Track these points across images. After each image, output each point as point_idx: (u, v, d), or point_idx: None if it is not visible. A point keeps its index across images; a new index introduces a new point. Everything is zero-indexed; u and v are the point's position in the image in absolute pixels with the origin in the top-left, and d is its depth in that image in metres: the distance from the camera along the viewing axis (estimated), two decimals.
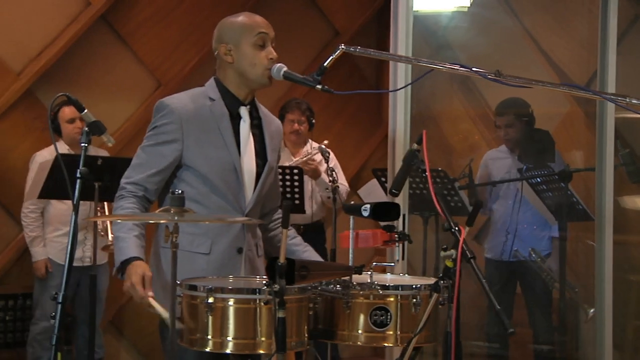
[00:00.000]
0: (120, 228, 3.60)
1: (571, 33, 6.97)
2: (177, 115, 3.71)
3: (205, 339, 3.29)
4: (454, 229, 3.09)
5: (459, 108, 7.30)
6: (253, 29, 3.78)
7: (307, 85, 3.57)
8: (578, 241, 5.94)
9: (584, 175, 5.92)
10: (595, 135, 6.70)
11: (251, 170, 3.77)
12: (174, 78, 7.46)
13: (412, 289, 3.41)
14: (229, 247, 3.73)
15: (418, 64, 3.43)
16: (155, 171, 3.71)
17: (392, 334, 3.41)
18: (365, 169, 8.28)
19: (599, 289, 5.02)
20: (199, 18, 7.54)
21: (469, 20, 6.80)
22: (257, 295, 3.26)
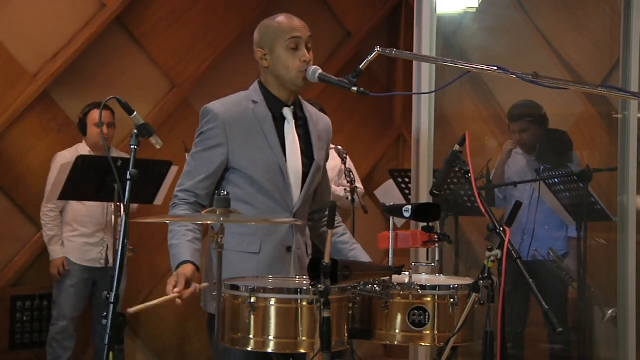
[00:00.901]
0: (174, 236, 3.67)
1: (584, 33, 7.01)
2: (221, 120, 3.76)
3: (247, 338, 3.32)
4: (499, 230, 3.13)
5: (470, 108, 7.33)
6: (286, 32, 3.83)
7: (343, 87, 3.62)
8: (595, 241, 5.97)
9: (598, 175, 5.95)
10: (610, 136, 6.75)
11: (297, 170, 3.82)
12: (188, 79, 7.49)
13: (449, 289, 3.44)
14: (279, 246, 3.79)
15: (455, 66, 3.44)
16: (204, 177, 3.77)
17: (429, 334, 3.44)
18: (378, 169, 8.32)
19: (622, 289, 5.06)
20: (212, 19, 7.57)
21: (480, 21, 6.84)
22: (299, 295, 3.29)
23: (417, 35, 4.94)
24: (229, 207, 3.19)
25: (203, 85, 7.52)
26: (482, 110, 7.34)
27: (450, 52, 7.04)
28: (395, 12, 8.46)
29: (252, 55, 7.67)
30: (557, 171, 5.89)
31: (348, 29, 8.28)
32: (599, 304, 5.96)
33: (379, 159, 8.40)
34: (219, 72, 7.60)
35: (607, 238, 6.02)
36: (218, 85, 7.52)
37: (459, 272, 5.96)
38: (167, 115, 7.40)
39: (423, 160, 4.85)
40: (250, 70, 7.59)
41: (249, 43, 7.65)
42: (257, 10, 7.71)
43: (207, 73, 7.56)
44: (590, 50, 6.99)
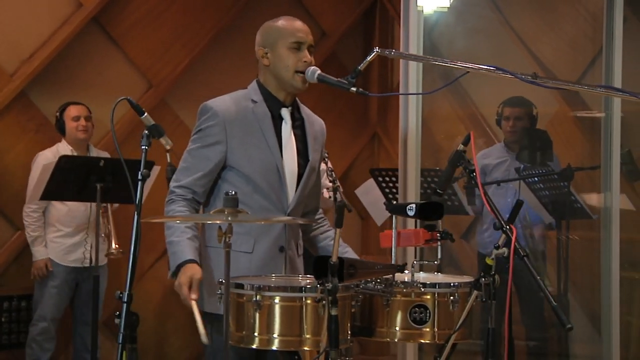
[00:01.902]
0: (174, 232, 3.70)
1: (559, 33, 7.10)
2: (221, 118, 3.79)
3: (251, 336, 3.36)
4: (505, 228, 3.19)
5: (446, 108, 7.40)
6: (290, 34, 3.86)
7: (342, 87, 3.65)
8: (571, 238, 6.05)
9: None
10: (585, 134, 6.86)
11: (293, 171, 3.86)
12: (165, 79, 7.48)
13: (450, 287, 3.50)
14: (272, 246, 3.82)
15: (454, 66, 3.49)
16: (201, 174, 3.80)
17: (429, 331, 3.50)
18: (353, 168, 8.36)
19: (606, 286, 5.14)
20: (189, 19, 7.57)
21: (453, 21, 6.89)
22: (303, 293, 3.34)
23: (403, 36, 4.99)
24: (237, 207, 3.21)
25: (180, 85, 7.52)
26: (457, 109, 7.40)
27: (424, 52, 7.11)
28: (370, 12, 8.51)
29: (228, 55, 7.77)
30: (537, 170, 5.97)
31: (324, 29, 8.31)
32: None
33: (355, 158, 8.43)
34: (196, 72, 7.61)
35: (584, 236, 6.10)
36: (195, 85, 7.53)
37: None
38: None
39: (411, 159, 4.91)
40: (227, 70, 7.66)
41: (225, 43, 7.77)
42: (233, 10, 7.73)
43: (184, 73, 7.55)
44: (565, 51, 7.08)
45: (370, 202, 6.65)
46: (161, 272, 7.43)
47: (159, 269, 7.44)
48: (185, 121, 7.41)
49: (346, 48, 8.34)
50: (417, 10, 4.90)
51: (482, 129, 7.32)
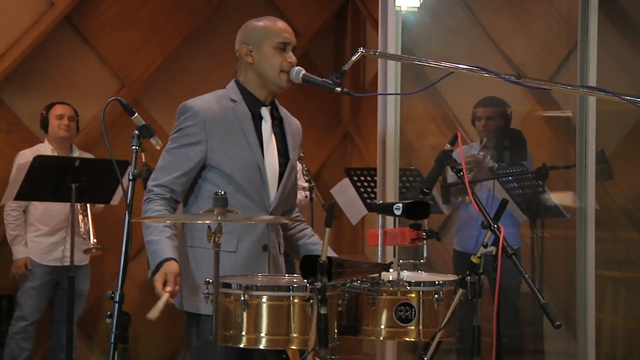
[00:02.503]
0: (152, 231, 3.69)
1: (530, 34, 7.15)
2: (202, 117, 3.79)
3: (239, 335, 3.37)
4: (493, 227, 3.23)
5: (418, 108, 7.43)
6: (276, 34, 3.87)
7: (327, 88, 3.68)
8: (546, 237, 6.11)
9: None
10: (555, 133, 6.92)
11: (274, 170, 3.88)
12: (138, 79, 7.48)
13: (435, 285, 3.53)
14: (255, 245, 3.83)
15: (438, 66, 3.52)
16: (180, 173, 3.79)
17: (414, 329, 3.52)
18: (326, 168, 8.39)
19: (581, 284, 5.18)
20: (162, 19, 7.57)
21: (425, 21, 6.93)
22: (291, 292, 3.35)
23: (381, 36, 4.99)
24: (227, 206, 3.22)
25: (153, 84, 7.52)
26: (429, 109, 7.44)
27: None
28: (342, 12, 8.53)
29: (201, 55, 7.76)
30: (512, 169, 6.02)
31: (296, 28, 8.27)
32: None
33: (327, 158, 8.46)
34: (169, 71, 7.61)
35: (559, 234, 6.16)
36: (168, 85, 7.53)
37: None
38: (117, 114, 7.32)
39: (390, 159, 4.92)
40: (200, 70, 7.66)
41: (198, 43, 7.76)
42: (206, 10, 7.74)
43: (157, 72, 7.55)
44: (536, 51, 7.14)
45: (346, 201, 6.68)
46: (134, 272, 7.40)
47: (132, 269, 7.32)
48: (159, 121, 7.40)
49: (318, 48, 8.36)
50: (395, 11, 4.91)
51: (454, 129, 7.35)
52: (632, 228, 6.82)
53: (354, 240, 8.27)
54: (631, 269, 6.70)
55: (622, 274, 6.60)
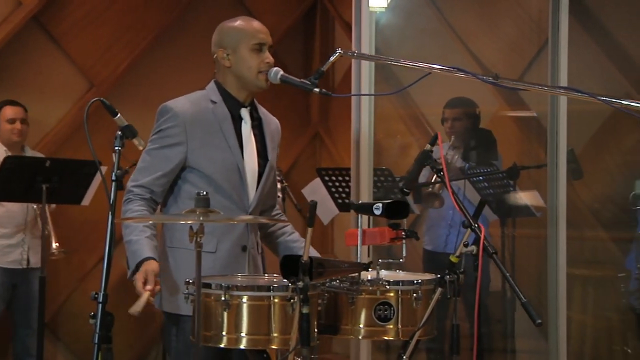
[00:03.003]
0: (132, 231, 3.69)
1: (498, 34, 7.21)
2: (181, 119, 3.80)
3: (219, 335, 3.38)
4: (474, 227, 3.25)
5: (388, 108, 7.47)
6: (251, 34, 3.88)
7: (305, 88, 3.69)
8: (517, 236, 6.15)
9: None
10: (524, 133, 6.98)
11: (254, 170, 3.89)
12: (106, 79, 7.44)
13: (413, 284, 3.55)
14: (234, 246, 3.85)
15: (416, 67, 3.54)
16: (160, 174, 3.80)
17: (393, 328, 3.55)
18: (295, 168, 8.39)
19: (552, 282, 5.22)
20: (131, 19, 7.54)
21: (393, 21, 6.96)
22: (271, 292, 3.36)
23: (355, 37, 5.03)
24: (209, 206, 3.23)
25: (122, 84, 7.48)
26: (398, 109, 7.48)
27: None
28: (310, 13, 8.54)
29: (171, 55, 7.74)
30: (482, 169, 6.06)
31: None
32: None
33: (297, 158, 8.46)
34: (138, 72, 7.58)
35: (530, 233, 6.21)
36: (137, 85, 7.51)
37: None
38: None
39: (364, 160, 4.95)
40: (169, 70, 7.64)
41: (167, 43, 7.74)
42: (175, 10, 7.72)
43: (126, 73, 7.52)
44: (505, 52, 7.19)
45: (317, 201, 6.67)
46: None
47: (99, 270, 7.37)
48: (128, 121, 7.34)
49: (287, 48, 8.36)
50: (369, 12, 4.94)
51: (423, 129, 7.40)
52: (600, 227, 6.89)
53: (323, 240, 8.28)
54: (599, 267, 6.78)
55: (591, 273, 6.67)
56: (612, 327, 6.68)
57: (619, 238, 6.79)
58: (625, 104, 3.35)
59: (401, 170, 6.42)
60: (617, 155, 6.92)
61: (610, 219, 6.88)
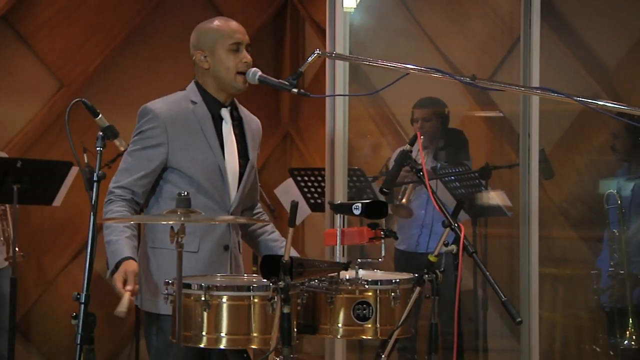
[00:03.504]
0: (112, 232, 3.69)
1: (468, 35, 7.25)
2: (162, 120, 3.81)
3: (199, 335, 3.38)
4: (454, 226, 3.28)
5: (359, 108, 7.49)
6: (228, 35, 3.90)
7: (284, 89, 3.71)
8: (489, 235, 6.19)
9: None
10: (494, 133, 7.03)
11: (234, 170, 3.92)
12: (77, 79, 7.41)
13: (392, 284, 3.57)
14: (216, 245, 3.87)
15: (395, 67, 3.57)
16: (142, 174, 3.81)
17: (371, 327, 3.56)
18: (266, 168, 8.39)
19: (524, 282, 5.25)
20: (101, 19, 7.51)
21: (362, 22, 6.99)
22: (251, 292, 3.38)
23: (329, 37, 5.04)
24: (190, 207, 3.24)
25: (92, 84, 7.45)
26: (369, 108, 7.50)
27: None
28: (281, 13, 8.55)
29: (141, 55, 7.72)
30: (454, 169, 6.10)
31: None
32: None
33: (267, 158, 8.47)
34: (109, 71, 7.55)
35: (502, 233, 6.25)
36: (108, 85, 7.49)
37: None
38: (56, 115, 7.31)
39: (338, 160, 4.96)
40: (140, 70, 7.62)
41: (138, 43, 7.72)
42: (145, 10, 7.70)
43: (97, 72, 7.49)
44: (474, 52, 7.24)
45: (289, 201, 6.67)
46: (74, 273, 7.38)
47: (71, 270, 7.38)
48: (98, 121, 7.33)
49: (257, 48, 8.28)
50: (343, 12, 4.95)
51: (393, 129, 7.44)
52: (569, 226, 6.96)
53: (294, 240, 8.24)
54: (568, 266, 6.84)
55: (560, 271, 6.73)
56: (582, 325, 6.75)
57: (587, 237, 6.86)
58: (601, 104, 3.38)
59: (372, 170, 6.46)
60: (586, 155, 6.99)
61: (579, 218, 6.95)
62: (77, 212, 7.18)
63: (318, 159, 8.20)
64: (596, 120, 6.84)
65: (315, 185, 6.47)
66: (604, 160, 6.87)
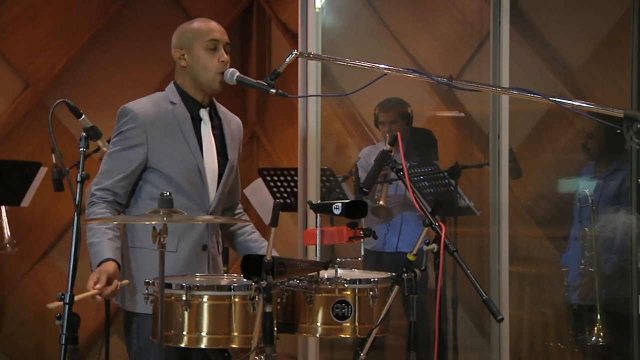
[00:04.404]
0: (94, 234, 3.70)
1: (434, 35, 7.30)
2: (141, 120, 3.82)
3: (180, 335, 3.40)
4: (434, 225, 3.31)
5: (326, 108, 7.51)
6: (205, 33, 3.92)
7: (261, 89, 3.73)
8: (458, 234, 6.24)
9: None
10: (460, 132, 7.08)
11: (214, 170, 3.93)
12: (42, 79, 7.36)
13: (370, 283, 3.60)
14: (195, 245, 3.89)
15: (372, 68, 3.59)
16: (123, 176, 3.83)
17: (350, 326, 3.59)
18: None
19: (494, 280, 5.31)
20: (67, 19, 7.47)
21: (331, 22, 7.01)
22: (232, 291, 3.40)
23: (301, 37, 5.05)
24: (172, 207, 3.24)
25: (58, 84, 7.41)
26: (335, 109, 7.52)
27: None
28: (247, 13, 8.55)
29: (107, 55, 7.69)
30: (423, 168, 6.14)
31: None
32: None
33: None
34: (74, 72, 7.51)
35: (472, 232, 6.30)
36: (74, 85, 7.44)
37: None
38: (21, 115, 7.26)
39: (311, 159, 4.98)
40: (106, 71, 7.58)
41: (103, 42, 7.69)
42: (111, 10, 7.66)
43: (63, 72, 7.44)
44: (440, 52, 7.29)
45: (258, 201, 6.70)
46: (40, 275, 7.33)
47: (38, 271, 7.33)
48: (64, 121, 7.29)
49: None
50: (315, 12, 4.97)
51: (360, 129, 7.46)
52: (534, 225, 7.02)
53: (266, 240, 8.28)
54: (534, 264, 6.90)
55: (526, 270, 6.79)
56: (548, 322, 6.82)
57: (553, 235, 6.93)
58: (577, 105, 3.43)
59: (340, 170, 6.48)
60: (551, 154, 7.06)
61: (545, 217, 7.02)
62: (44, 213, 7.15)
63: (285, 158, 8.22)
64: (561, 120, 6.92)
65: (285, 185, 6.48)
66: (569, 159, 6.95)
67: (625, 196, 6.07)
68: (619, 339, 6.15)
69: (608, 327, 6.11)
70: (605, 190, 6.17)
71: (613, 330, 6.13)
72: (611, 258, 6.12)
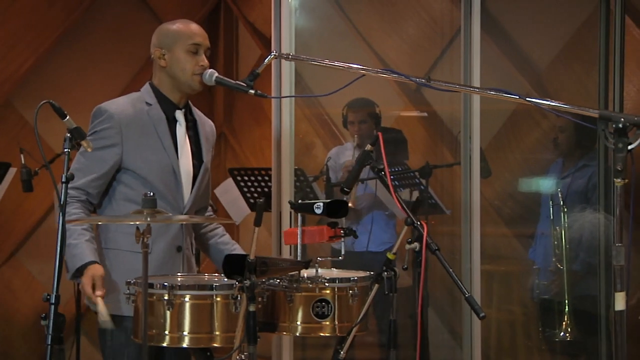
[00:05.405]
0: (71, 235, 3.68)
1: (402, 36, 7.35)
2: (117, 120, 3.81)
3: (162, 334, 3.42)
4: (416, 224, 3.35)
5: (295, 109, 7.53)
6: (188, 36, 3.91)
7: (240, 90, 3.74)
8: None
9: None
10: (429, 132, 7.14)
11: (188, 172, 3.94)
12: (9, 79, 7.31)
13: (350, 281, 3.64)
14: (169, 246, 3.89)
15: (350, 69, 3.62)
16: (96, 176, 3.82)
17: (330, 325, 3.63)
18: None
19: (467, 279, 5.35)
20: (33, 18, 7.41)
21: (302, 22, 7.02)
22: (214, 291, 3.42)
23: (275, 37, 5.06)
24: (155, 207, 3.25)
25: (25, 84, 7.36)
26: (304, 109, 7.54)
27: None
28: (214, 13, 8.55)
29: (75, 55, 7.65)
30: (393, 168, 6.17)
31: None
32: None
33: None
34: (42, 71, 7.46)
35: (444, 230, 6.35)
36: (41, 85, 7.40)
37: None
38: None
39: (285, 160, 4.99)
40: (73, 70, 7.55)
41: (71, 43, 7.66)
42: (78, 10, 7.62)
43: (29, 72, 7.39)
44: (408, 53, 7.34)
45: (229, 201, 6.72)
46: (6, 276, 7.28)
47: (4, 272, 7.29)
48: (31, 121, 7.26)
49: None
50: (289, 12, 4.98)
51: (328, 129, 7.50)
52: (501, 223, 7.09)
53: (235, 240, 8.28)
54: (501, 262, 6.97)
55: (493, 268, 6.85)
56: (515, 320, 6.89)
57: (520, 234, 7.00)
58: (555, 105, 3.48)
59: (309, 170, 6.50)
60: (518, 154, 7.13)
61: (512, 215, 7.08)
62: (10, 213, 7.11)
63: (253, 158, 8.24)
64: (528, 120, 7.00)
65: (255, 185, 6.49)
66: (536, 158, 7.03)
67: (593, 192, 6.15)
68: (586, 335, 6.23)
69: (575, 323, 6.18)
70: (573, 187, 6.24)
71: (580, 326, 6.20)
72: (579, 255, 6.19)
